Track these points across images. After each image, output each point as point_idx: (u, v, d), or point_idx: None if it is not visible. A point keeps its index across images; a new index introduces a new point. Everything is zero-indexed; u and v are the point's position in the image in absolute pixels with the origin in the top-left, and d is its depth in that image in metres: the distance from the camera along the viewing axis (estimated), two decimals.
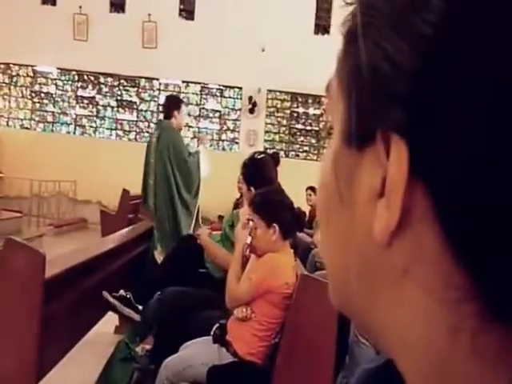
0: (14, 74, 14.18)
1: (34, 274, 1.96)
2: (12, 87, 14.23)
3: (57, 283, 2.19)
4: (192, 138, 13.88)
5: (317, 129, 13.91)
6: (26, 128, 14.20)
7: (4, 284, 1.99)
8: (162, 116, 6.14)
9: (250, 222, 2.83)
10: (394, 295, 0.33)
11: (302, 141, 13.92)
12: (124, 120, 14.07)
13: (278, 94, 13.79)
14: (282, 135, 13.95)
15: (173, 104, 5.82)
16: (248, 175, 3.57)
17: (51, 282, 2.07)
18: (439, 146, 0.29)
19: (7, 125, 14.12)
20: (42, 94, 14.24)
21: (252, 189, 3.45)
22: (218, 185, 12.03)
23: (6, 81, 14.19)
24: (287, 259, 2.78)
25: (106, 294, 3.53)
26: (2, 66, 14.07)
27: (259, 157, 3.68)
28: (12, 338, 2.02)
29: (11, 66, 14.08)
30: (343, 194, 0.36)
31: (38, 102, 14.24)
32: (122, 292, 3.65)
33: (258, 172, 3.53)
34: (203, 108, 13.99)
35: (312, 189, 8.27)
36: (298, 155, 13.74)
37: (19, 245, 2.02)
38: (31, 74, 14.16)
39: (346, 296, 0.38)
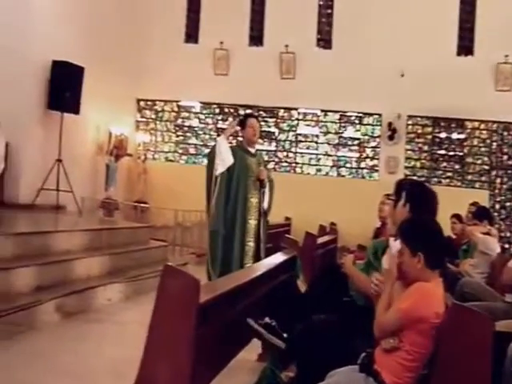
0: (159, 109, 15.04)
1: (190, 299, 2.02)
2: (158, 122, 15.07)
3: (209, 308, 2.24)
4: (331, 167, 13.88)
5: (461, 154, 13.39)
6: (171, 160, 14.92)
7: (163, 306, 2.08)
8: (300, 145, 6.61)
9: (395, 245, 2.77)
10: None
11: (445, 166, 13.45)
12: (263, 150, 14.34)
13: (418, 119, 13.49)
14: (423, 161, 13.58)
15: (240, 125, 6.49)
16: (413, 193, 3.38)
17: (204, 306, 2.13)
18: None
19: (153, 158, 14.91)
20: (185, 128, 14.92)
21: (407, 206, 3.31)
22: (357, 213, 11.93)
23: (153, 116, 15.06)
24: (437, 288, 2.72)
25: (251, 321, 3.54)
26: (150, 102, 14.97)
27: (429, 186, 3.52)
28: (168, 359, 2.09)
29: (157, 102, 14.94)
30: None
31: (182, 136, 14.93)
32: (266, 319, 3.65)
33: (425, 197, 3.37)
34: (342, 136, 13.96)
35: (457, 216, 7.86)
36: (440, 181, 13.26)
37: (177, 271, 2.11)
38: (175, 108, 14.93)
39: None
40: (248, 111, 14.28)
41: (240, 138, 6.44)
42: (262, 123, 14.25)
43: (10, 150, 9.84)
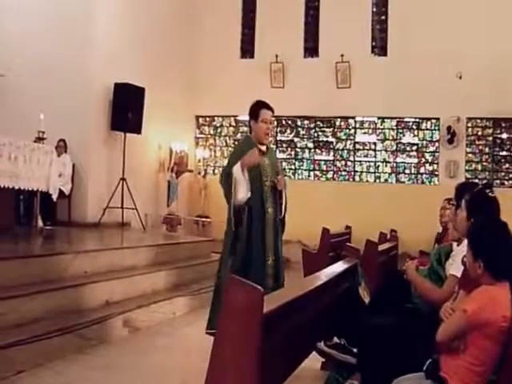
0: (218, 125, 15.27)
1: (254, 309, 2.07)
2: (217, 137, 15.29)
3: (273, 318, 2.29)
4: (390, 174, 13.76)
5: None
6: None
7: (227, 318, 2.14)
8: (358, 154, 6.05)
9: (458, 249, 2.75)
10: None
11: (508, 168, 13.14)
12: (321, 160, 14.37)
13: (478, 121, 13.23)
14: (484, 164, 13.28)
15: (249, 114, 5.11)
16: (470, 199, 3.31)
17: (268, 316, 2.18)
18: None
19: (213, 173, 15.10)
20: None
21: (465, 212, 3.30)
22: (418, 219, 11.79)
23: (212, 132, 15.30)
24: (503, 292, 2.64)
25: (320, 345, 3.57)
26: (208, 118, 15.23)
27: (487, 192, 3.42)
28: (234, 369, 2.14)
29: (215, 118, 15.18)
30: None
31: None
32: (335, 340, 3.68)
33: (482, 203, 3.28)
34: (400, 142, 13.83)
35: None
36: (503, 183, 12.97)
37: (240, 282, 2.17)
38: (233, 123, 15.13)
39: None
40: (305, 122, 14.36)
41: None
42: (320, 133, 14.32)
43: (77, 170, 10.23)
